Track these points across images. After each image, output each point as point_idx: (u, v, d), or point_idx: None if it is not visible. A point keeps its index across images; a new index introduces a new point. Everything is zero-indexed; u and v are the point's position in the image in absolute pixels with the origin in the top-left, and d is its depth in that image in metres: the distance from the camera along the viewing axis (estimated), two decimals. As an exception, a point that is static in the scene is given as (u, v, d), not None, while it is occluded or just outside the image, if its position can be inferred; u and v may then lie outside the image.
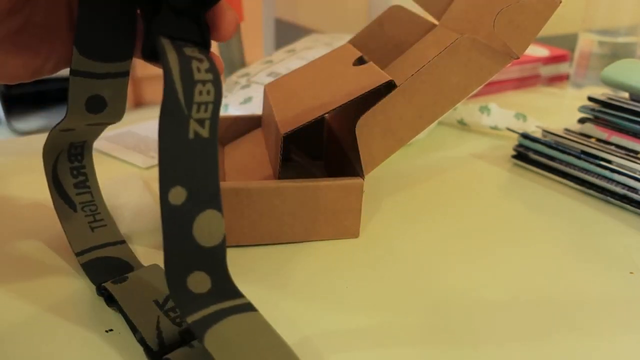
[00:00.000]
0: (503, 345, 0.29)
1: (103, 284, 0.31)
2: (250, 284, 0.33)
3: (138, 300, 0.29)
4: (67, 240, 0.33)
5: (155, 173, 0.48)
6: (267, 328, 0.25)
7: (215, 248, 0.25)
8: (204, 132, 0.25)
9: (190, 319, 0.23)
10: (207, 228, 0.25)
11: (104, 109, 0.32)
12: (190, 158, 0.24)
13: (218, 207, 0.25)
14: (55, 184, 0.34)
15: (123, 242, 0.35)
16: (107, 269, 0.32)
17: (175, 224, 0.24)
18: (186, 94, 0.24)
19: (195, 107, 0.24)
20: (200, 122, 0.25)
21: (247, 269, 0.35)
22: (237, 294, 0.25)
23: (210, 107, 0.25)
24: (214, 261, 0.25)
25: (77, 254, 0.33)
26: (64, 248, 0.36)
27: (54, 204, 0.34)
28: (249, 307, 0.25)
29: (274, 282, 0.33)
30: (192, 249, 0.24)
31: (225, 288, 0.25)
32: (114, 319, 0.30)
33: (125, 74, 0.31)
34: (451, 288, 0.33)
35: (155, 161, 0.50)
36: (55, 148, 0.33)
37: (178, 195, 0.24)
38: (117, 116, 0.32)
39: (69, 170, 0.34)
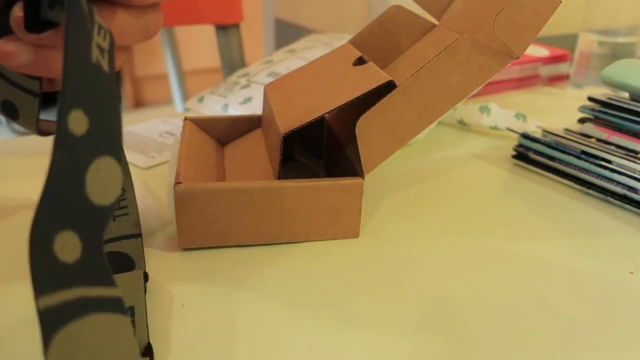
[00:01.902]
0: (503, 345, 0.29)
1: None
2: (250, 284, 0.33)
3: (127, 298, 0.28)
4: None
5: (156, 173, 0.48)
6: (129, 346, 0.20)
7: (103, 209, 0.20)
8: (104, 64, 0.22)
9: (43, 302, 0.18)
10: (102, 180, 0.20)
11: (17, 117, 0.31)
12: (93, 83, 0.21)
13: (119, 159, 0.21)
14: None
15: (139, 235, 0.34)
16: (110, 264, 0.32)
17: (69, 159, 0.19)
18: (89, 8, 0.22)
19: (96, 26, 0.22)
20: (101, 50, 0.22)
21: (247, 269, 0.35)
22: (108, 280, 0.20)
23: (108, 38, 0.22)
24: (94, 225, 0.20)
25: None
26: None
27: None
28: (117, 306, 0.20)
29: (274, 282, 0.33)
30: (76, 199, 0.19)
31: (96, 265, 0.20)
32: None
33: (35, 94, 0.30)
34: (451, 288, 0.33)
35: (156, 161, 0.50)
36: None
37: (79, 121, 0.20)
38: (32, 130, 0.32)
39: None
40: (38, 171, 0.48)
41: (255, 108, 0.57)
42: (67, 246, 0.19)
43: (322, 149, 0.48)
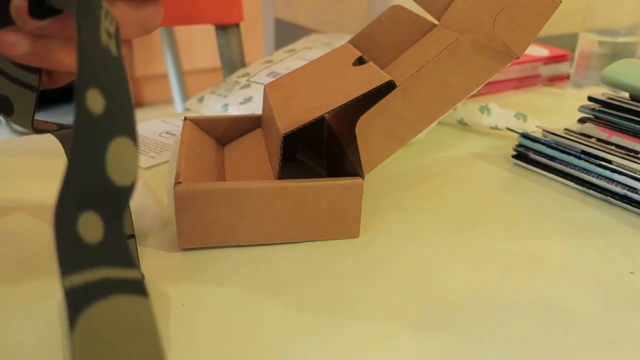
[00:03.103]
0: (503, 344, 0.29)
1: None
2: (250, 284, 0.33)
3: None
4: None
5: (156, 173, 0.48)
6: (152, 329, 0.20)
7: (123, 190, 0.20)
8: (113, 48, 0.22)
9: (69, 282, 0.18)
10: (122, 159, 0.20)
11: (12, 113, 0.31)
12: (105, 64, 0.21)
13: (135, 140, 0.21)
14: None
15: (132, 236, 0.34)
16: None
17: (89, 138, 0.19)
18: None
19: (103, 12, 0.22)
20: (109, 34, 0.22)
21: (247, 269, 0.35)
22: (130, 262, 0.21)
23: (114, 23, 0.22)
24: (115, 206, 0.20)
25: None
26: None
27: None
28: (140, 288, 0.20)
29: (274, 282, 0.33)
30: (98, 179, 0.19)
31: (118, 246, 0.20)
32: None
33: (34, 89, 0.30)
34: (451, 288, 0.33)
35: (156, 161, 0.50)
36: (70, 138, 0.33)
37: (96, 100, 0.20)
38: (26, 127, 0.32)
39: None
40: (38, 171, 0.48)
41: (255, 108, 0.57)
42: (90, 226, 0.19)
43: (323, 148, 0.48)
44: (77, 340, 0.18)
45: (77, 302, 0.18)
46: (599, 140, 0.46)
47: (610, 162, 0.44)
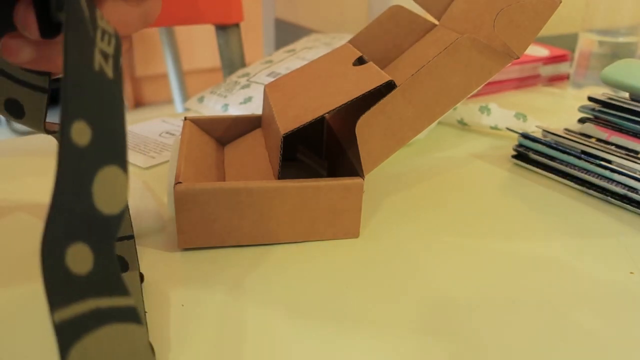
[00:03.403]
0: (503, 344, 0.29)
1: None
2: (250, 284, 0.33)
3: None
4: None
5: (156, 173, 0.48)
6: (145, 355, 0.20)
7: (112, 218, 0.20)
8: (109, 71, 0.21)
9: (58, 316, 0.18)
10: (110, 188, 0.20)
11: (22, 116, 0.31)
12: (95, 92, 0.20)
13: (124, 167, 0.20)
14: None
15: (132, 237, 0.34)
16: None
17: (74, 171, 0.19)
18: (91, 14, 0.21)
19: (99, 32, 0.21)
20: (105, 55, 0.21)
21: (247, 269, 0.35)
22: (122, 289, 0.20)
23: (113, 42, 0.22)
24: (104, 235, 0.20)
25: None
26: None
27: None
28: (132, 315, 0.20)
29: (274, 282, 0.33)
30: (85, 210, 0.19)
31: (108, 275, 0.20)
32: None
33: (44, 90, 0.30)
34: (451, 288, 0.33)
35: (156, 161, 0.50)
36: None
37: (82, 132, 0.19)
38: (38, 129, 0.32)
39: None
40: (38, 171, 0.48)
41: (255, 108, 0.57)
42: (79, 258, 0.19)
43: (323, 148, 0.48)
44: None
45: (67, 336, 0.18)
46: (598, 140, 0.46)
47: (610, 162, 0.44)
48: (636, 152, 0.44)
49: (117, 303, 0.20)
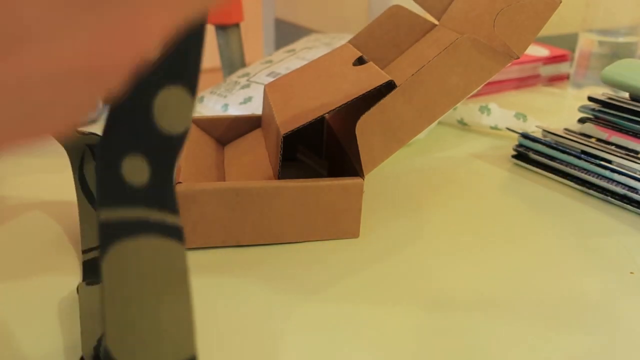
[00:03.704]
0: (503, 344, 0.29)
1: (80, 283, 0.30)
2: (250, 284, 0.33)
3: (95, 307, 0.28)
4: (68, 240, 0.34)
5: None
6: (182, 273, 0.20)
7: (172, 138, 0.20)
8: None
9: (103, 215, 0.19)
10: (173, 108, 0.20)
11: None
12: None
13: (191, 90, 0.20)
14: (81, 181, 0.33)
15: None
16: (99, 268, 0.32)
17: (137, 85, 0.18)
18: None
19: None
20: None
21: (247, 269, 0.35)
22: (173, 207, 0.21)
23: None
24: (163, 152, 0.20)
25: (83, 252, 0.33)
26: (64, 248, 0.36)
27: (78, 201, 0.34)
28: (176, 233, 0.21)
29: (274, 282, 0.33)
30: (144, 124, 0.19)
31: (164, 190, 0.20)
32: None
33: None
34: (451, 288, 0.33)
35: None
36: (77, 147, 0.33)
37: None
38: None
39: (94, 168, 0.33)
40: (38, 171, 0.48)
41: (255, 108, 0.57)
42: (136, 170, 0.19)
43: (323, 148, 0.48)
44: (106, 269, 0.18)
45: (109, 234, 0.19)
46: (599, 140, 0.46)
47: (610, 162, 0.44)
48: (636, 152, 0.44)
49: (165, 219, 0.20)
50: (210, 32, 2.15)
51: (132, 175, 0.19)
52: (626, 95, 0.47)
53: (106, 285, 0.19)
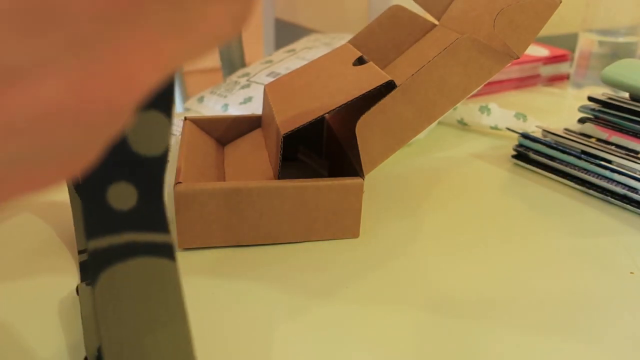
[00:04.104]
0: (503, 344, 0.29)
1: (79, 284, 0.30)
2: (250, 284, 0.33)
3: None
4: (62, 241, 0.34)
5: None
6: (175, 289, 0.21)
7: (152, 159, 0.20)
8: None
9: (92, 245, 0.19)
10: (147, 131, 0.20)
11: None
12: None
13: (167, 112, 0.20)
14: (73, 181, 0.33)
15: None
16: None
17: None
18: None
19: None
20: None
21: (247, 269, 0.35)
22: (162, 226, 0.21)
23: None
24: (147, 174, 0.20)
25: (79, 252, 0.33)
26: (62, 248, 0.36)
27: (70, 202, 0.33)
28: (166, 252, 0.21)
29: (274, 282, 0.33)
30: (119, 151, 0.20)
31: (152, 211, 0.21)
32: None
33: None
34: (451, 288, 0.33)
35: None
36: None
37: None
38: None
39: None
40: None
41: (255, 108, 0.57)
42: (122, 195, 0.20)
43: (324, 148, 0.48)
44: (98, 296, 0.19)
45: (99, 262, 0.19)
46: (599, 140, 0.46)
47: (610, 162, 0.44)
48: (636, 152, 0.44)
49: (154, 238, 0.21)
50: (210, 32, 2.15)
51: (119, 202, 0.20)
52: (626, 95, 0.47)
53: (100, 309, 0.19)
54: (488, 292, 0.33)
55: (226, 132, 0.46)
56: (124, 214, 0.20)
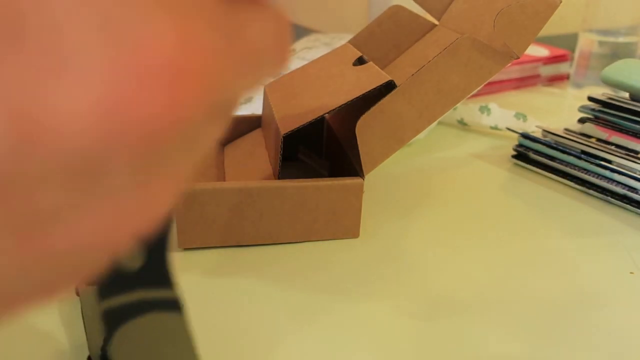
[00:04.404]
0: (503, 344, 0.29)
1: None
2: (249, 284, 0.33)
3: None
4: None
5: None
6: (186, 341, 0.22)
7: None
8: None
9: (106, 304, 0.21)
10: None
11: None
12: None
13: None
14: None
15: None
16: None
17: None
18: None
19: None
20: None
21: (247, 269, 0.35)
22: (168, 282, 0.23)
23: None
24: (154, 236, 0.22)
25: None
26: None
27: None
28: (175, 305, 0.23)
29: (274, 282, 0.33)
30: None
31: (159, 268, 0.22)
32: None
33: None
34: (451, 287, 0.33)
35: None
36: None
37: None
38: None
39: None
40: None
41: (255, 108, 0.57)
42: (130, 256, 0.21)
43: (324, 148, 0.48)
44: (114, 353, 0.20)
45: (113, 322, 0.20)
46: (599, 140, 0.46)
47: (610, 162, 0.44)
48: (636, 152, 0.44)
49: (163, 294, 0.22)
50: (210, 32, 2.15)
51: (128, 262, 0.21)
52: (626, 95, 0.47)
53: None
54: (488, 292, 0.33)
55: (226, 132, 0.46)
56: (132, 273, 0.21)
